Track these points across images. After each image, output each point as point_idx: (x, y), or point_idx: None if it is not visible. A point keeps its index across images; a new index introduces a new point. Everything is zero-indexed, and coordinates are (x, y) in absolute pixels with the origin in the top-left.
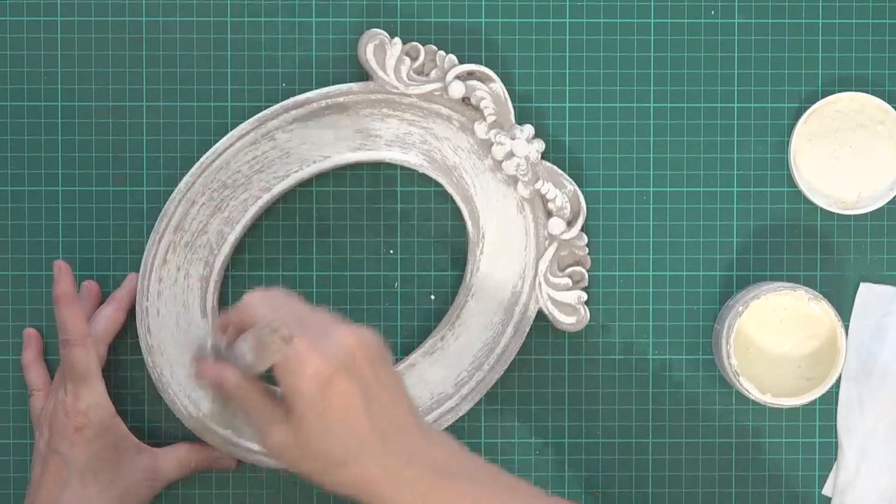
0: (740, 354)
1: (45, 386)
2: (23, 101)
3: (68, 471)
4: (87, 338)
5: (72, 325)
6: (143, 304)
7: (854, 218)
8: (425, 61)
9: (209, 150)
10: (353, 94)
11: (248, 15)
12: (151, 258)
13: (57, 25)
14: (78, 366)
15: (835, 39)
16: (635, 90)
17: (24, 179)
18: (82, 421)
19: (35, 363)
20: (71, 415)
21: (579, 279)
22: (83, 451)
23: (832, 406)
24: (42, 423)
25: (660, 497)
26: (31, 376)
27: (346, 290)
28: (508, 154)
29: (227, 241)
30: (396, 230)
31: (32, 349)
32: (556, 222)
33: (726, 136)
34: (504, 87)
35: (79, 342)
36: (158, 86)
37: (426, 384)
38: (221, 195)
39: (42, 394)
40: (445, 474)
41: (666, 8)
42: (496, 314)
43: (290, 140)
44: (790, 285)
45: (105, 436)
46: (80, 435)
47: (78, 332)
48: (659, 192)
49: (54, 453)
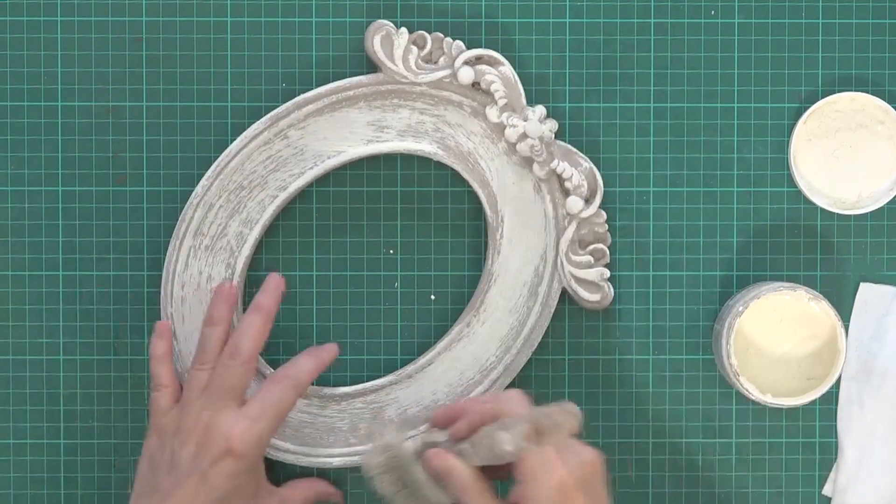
0: (740, 354)
1: (173, 383)
2: (23, 101)
3: (206, 495)
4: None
5: (246, 343)
6: (168, 311)
7: (854, 218)
8: (433, 49)
9: (222, 152)
10: (363, 87)
11: (248, 15)
12: (173, 264)
13: (57, 25)
14: (239, 384)
15: (835, 39)
16: (635, 90)
17: (24, 179)
18: (241, 449)
19: (165, 357)
20: (232, 439)
21: (601, 256)
22: (230, 479)
23: (832, 406)
24: (189, 437)
25: (660, 497)
26: (160, 371)
27: (345, 291)
28: (522, 136)
29: (248, 243)
30: (396, 230)
31: (164, 342)
32: (574, 201)
33: (726, 136)
34: (513, 69)
35: (249, 359)
36: (158, 86)
37: (455, 371)
38: (238, 196)
39: (169, 391)
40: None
41: (666, 8)
42: (520, 297)
43: (303, 137)
44: (790, 285)
45: (252, 471)
46: (233, 462)
47: (249, 351)
48: (659, 192)
49: (198, 472)
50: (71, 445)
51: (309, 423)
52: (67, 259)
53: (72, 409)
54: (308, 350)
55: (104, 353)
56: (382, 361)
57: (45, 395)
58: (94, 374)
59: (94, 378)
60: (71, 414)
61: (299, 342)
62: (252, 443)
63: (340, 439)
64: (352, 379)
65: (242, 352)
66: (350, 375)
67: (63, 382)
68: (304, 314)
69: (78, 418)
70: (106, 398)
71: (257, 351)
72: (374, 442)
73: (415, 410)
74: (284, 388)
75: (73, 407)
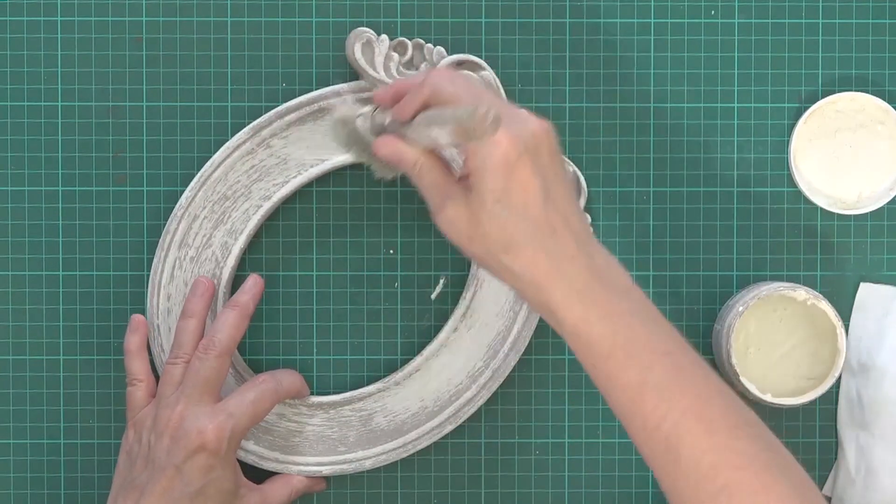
0: (740, 354)
1: (148, 377)
2: (23, 101)
3: (181, 489)
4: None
5: (220, 336)
6: (155, 323)
7: (854, 218)
8: (414, 55)
9: (208, 160)
10: (343, 95)
11: (248, 15)
12: (158, 276)
13: (57, 25)
14: (213, 379)
15: (835, 39)
16: (635, 90)
17: (24, 179)
18: (214, 444)
19: (140, 352)
20: (205, 433)
21: None
22: (204, 474)
23: (832, 406)
24: (164, 431)
25: (660, 497)
26: (134, 365)
27: (346, 291)
28: None
29: (233, 253)
30: (396, 230)
31: (139, 336)
32: None
33: (726, 136)
34: (495, 74)
35: (223, 353)
36: (158, 86)
37: (443, 377)
38: (223, 207)
39: (144, 385)
40: (600, 278)
41: (666, 8)
42: (507, 301)
43: (285, 146)
44: (790, 285)
45: (226, 466)
46: (206, 456)
47: (224, 344)
48: (659, 192)
49: (172, 466)
50: (71, 445)
51: (297, 432)
52: (67, 259)
53: (72, 409)
54: (293, 370)
55: (104, 353)
56: (382, 361)
57: (45, 395)
58: (94, 374)
59: (94, 378)
60: (71, 414)
61: (299, 342)
62: (226, 437)
63: (329, 447)
64: (352, 379)
65: (217, 345)
66: (350, 375)
67: (63, 382)
68: (304, 314)
69: (78, 418)
70: (106, 398)
71: (232, 346)
72: (333, 116)
73: (404, 417)
74: (263, 390)
75: (73, 407)
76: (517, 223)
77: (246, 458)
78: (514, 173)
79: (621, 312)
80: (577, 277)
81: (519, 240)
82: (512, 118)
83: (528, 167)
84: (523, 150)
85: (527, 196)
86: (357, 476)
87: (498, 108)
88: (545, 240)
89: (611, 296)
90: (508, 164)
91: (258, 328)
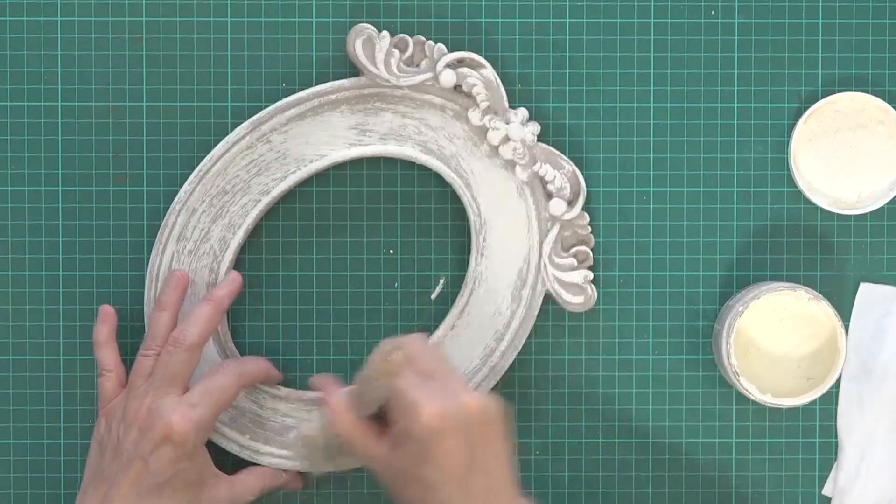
0: (740, 354)
1: (118, 367)
2: (23, 101)
3: (149, 480)
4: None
5: (191, 330)
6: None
7: (854, 218)
8: (414, 52)
9: (207, 155)
10: (344, 91)
11: (248, 15)
12: (156, 269)
13: (57, 25)
14: (182, 371)
15: (835, 39)
16: (635, 90)
17: (24, 179)
18: (180, 435)
19: (109, 342)
20: (171, 425)
21: (584, 259)
22: (170, 465)
23: (832, 406)
24: (133, 422)
25: (660, 497)
26: (104, 356)
27: (346, 290)
28: (504, 139)
29: (231, 247)
30: (396, 230)
31: (107, 327)
32: (556, 203)
33: (726, 136)
34: (495, 72)
35: (192, 347)
36: (158, 86)
37: None
38: (221, 201)
39: (114, 376)
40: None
41: (666, 8)
42: (504, 300)
43: (285, 141)
44: (790, 285)
45: (194, 457)
46: (172, 448)
47: (194, 338)
48: (659, 192)
49: (140, 458)
50: (71, 445)
51: (294, 428)
52: (67, 259)
53: (72, 409)
54: (259, 356)
55: None
56: None
57: (45, 395)
58: (94, 375)
59: (94, 378)
60: (71, 414)
61: (299, 342)
62: (191, 429)
63: None
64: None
65: (187, 339)
66: (350, 375)
67: (63, 382)
68: (304, 314)
69: (78, 418)
70: None
71: (203, 340)
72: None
73: None
74: (226, 376)
75: (73, 407)
76: (434, 489)
77: (241, 452)
78: (438, 442)
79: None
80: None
81: (435, 501)
82: (452, 394)
83: (454, 440)
84: (452, 424)
85: (447, 465)
86: (357, 475)
87: (428, 376)
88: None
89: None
90: (433, 432)
91: (258, 328)
